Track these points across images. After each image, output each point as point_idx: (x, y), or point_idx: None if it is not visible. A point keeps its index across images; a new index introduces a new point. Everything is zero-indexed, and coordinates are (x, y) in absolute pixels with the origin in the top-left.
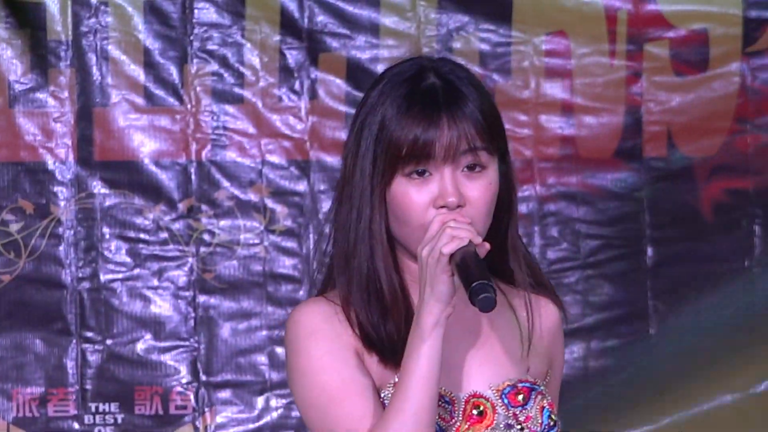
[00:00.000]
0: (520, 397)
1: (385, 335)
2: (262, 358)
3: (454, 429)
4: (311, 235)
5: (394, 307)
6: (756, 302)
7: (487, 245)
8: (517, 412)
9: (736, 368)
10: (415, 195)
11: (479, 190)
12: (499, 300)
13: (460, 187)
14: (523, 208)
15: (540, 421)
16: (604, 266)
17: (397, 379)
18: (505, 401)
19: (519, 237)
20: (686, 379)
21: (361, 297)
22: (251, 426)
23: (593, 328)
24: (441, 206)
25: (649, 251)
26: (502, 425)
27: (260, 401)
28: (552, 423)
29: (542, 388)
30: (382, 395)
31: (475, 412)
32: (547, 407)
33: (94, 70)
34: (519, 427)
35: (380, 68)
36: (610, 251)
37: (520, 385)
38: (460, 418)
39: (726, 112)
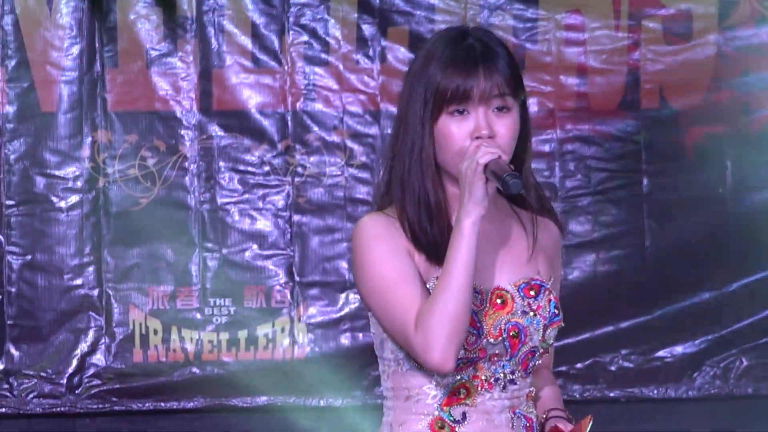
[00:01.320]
0: (532, 291)
1: (431, 238)
2: (343, 264)
3: (483, 313)
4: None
5: (438, 216)
6: (728, 221)
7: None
8: (531, 302)
9: (713, 271)
10: (456, 129)
11: (505, 126)
12: (512, 217)
13: (491, 123)
14: (546, 148)
15: (548, 310)
16: (609, 193)
17: (439, 273)
18: (521, 294)
19: (531, 170)
20: (672, 280)
21: (413, 209)
22: (335, 316)
23: (601, 241)
24: (476, 137)
25: (645, 182)
26: (519, 311)
27: (341, 297)
28: (557, 312)
29: (549, 285)
30: (428, 286)
31: (499, 301)
32: (553, 300)
33: (213, 40)
34: (532, 313)
35: None
36: (614, 181)
37: (532, 282)
38: (488, 305)
39: (705, 73)
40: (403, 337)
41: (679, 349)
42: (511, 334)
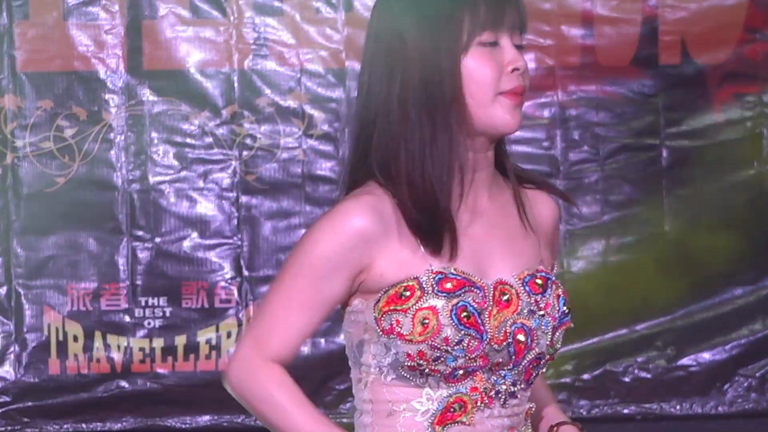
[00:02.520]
0: (539, 285)
1: (422, 221)
2: None
3: (487, 312)
4: (347, 139)
5: (439, 202)
6: (765, 201)
7: None
8: (538, 299)
9: (747, 262)
10: (491, 60)
11: (526, 63)
12: (508, 191)
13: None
14: (545, 113)
15: (557, 308)
16: (622, 167)
17: (433, 267)
18: (527, 288)
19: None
20: (697, 272)
21: (423, 190)
22: None
23: (612, 225)
24: (513, 69)
25: (664, 153)
26: (525, 311)
27: None
28: (567, 310)
29: (554, 277)
30: (422, 280)
31: (504, 298)
32: (562, 296)
33: None
34: (541, 313)
35: None
36: (627, 153)
37: (538, 274)
38: (492, 303)
39: (736, 22)
40: (242, 336)
41: (706, 356)
42: (517, 337)
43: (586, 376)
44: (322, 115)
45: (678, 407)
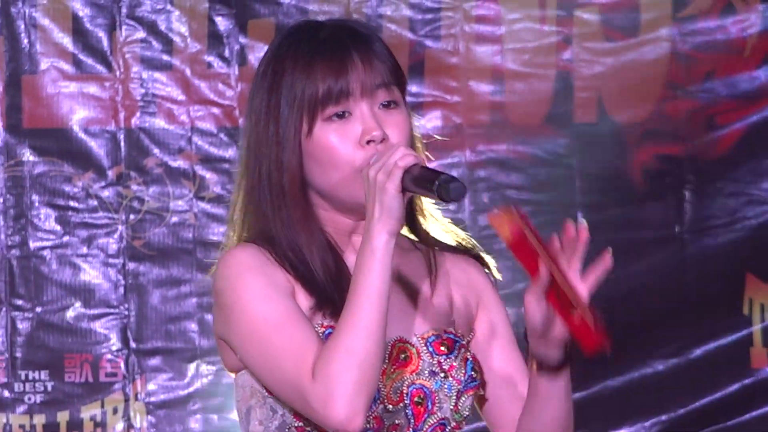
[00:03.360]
0: (444, 347)
1: (316, 273)
2: (192, 325)
3: (380, 371)
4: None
5: (324, 254)
6: (686, 269)
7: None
8: (442, 360)
9: (668, 334)
10: (340, 137)
11: (398, 125)
12: (415, 251)
13: (380, 123)
14: (453, 173)
15: (464, 372)
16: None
17: (325, 321)
18: (430, 349)
19: None
20: (616, 345)
21: (290, 252)
22: (181, 393)
23: (522, 293)
24: (368, 141)
25: (580, 217)
26: (426, 371)
27: (191, 368)
28: (474, 375)
29: (465, 341)
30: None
31: (401, 356)
32: (470, 359)
33: (23, 37)
34: (443, 375)
35: None
36: (540, 217)
37: (444, 335)
38: (387, 361)
39: (656, 78)
40: (294, 390)
41: None
42: (414, 399)
43: None
44: (214, 176)
45: None
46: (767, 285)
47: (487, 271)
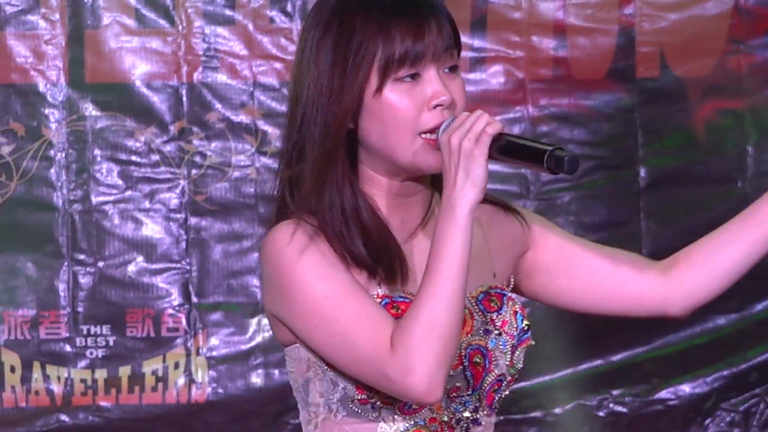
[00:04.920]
0: (494, 303)
1: (366, 251)
2: (254, 280)
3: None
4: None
5: (379, 228)
6: None
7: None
8: (494, 317)
9: (730, 288)
10: (410, 98)
11: (459, 90)
12: None
13: (448, 88)
14: (515, 129)
15: (515, 326)
16: (596, 187)
17: (380, 291)
18: (481, 307)
19: None
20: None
21: (340, 222)
22: (243, 347)
23: None
24: (435, 105)
25: (642, 172)
26: (481, 331)
27: (253, 323)
28: (526, 327)
29: (511, 293)
30: None
31: None
32: (520, 312)
33: None
34: (497, 332)
35: None
36: (602, 172)
37: (492, 291)
38: None
39: (719, 33)
40: (370, 363)
41: (686, 389)
42: (473, 360)
43: (557, 411)
44: (276, 131)
45: None
46: None
47: (509, 209)
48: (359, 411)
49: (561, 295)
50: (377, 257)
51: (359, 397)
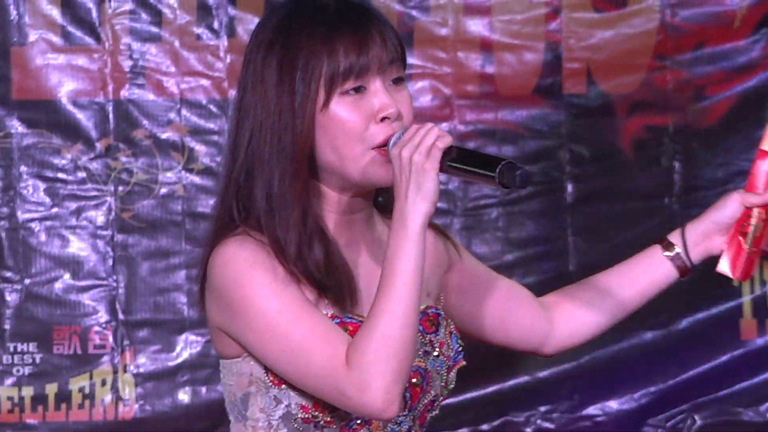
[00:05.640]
0: (431, 323)
1: (317, 272)
2: (181, 297)
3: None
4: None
5: (325, 239)
6: None
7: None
8: (432, 339)
9: (657, 303)
10: (356, 111)
11: (406, 102)
12: (384, 230)
13: (394, 99)
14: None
15: (452, 347)
16: (524, 203)
17: (330, 311)
18: (420, 328)
19: None
20: None
21: (296, 234)
22: (170, 364)
23: (513, 265)
24: (383, 118)
25: (569, 188)
26: (420, 352)
27: (180, 340)
28: (460, 348)
29: (443, 312)
30: None
31: None
32: (454, 332)
33: (11, 9)
34: (436, 353)
35: None
36: (530, 188)
37: (429, 311)
38: None
39: (645, 49)
40: (325, 380)
41: (613, 405)
42: (412, 381)
43: (485, 427)
44: (203, 148)
45: None
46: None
47: (447, 241)
48: (301, 428)
49: (466, 318)
50: (328, 278)
51: (302, 416)
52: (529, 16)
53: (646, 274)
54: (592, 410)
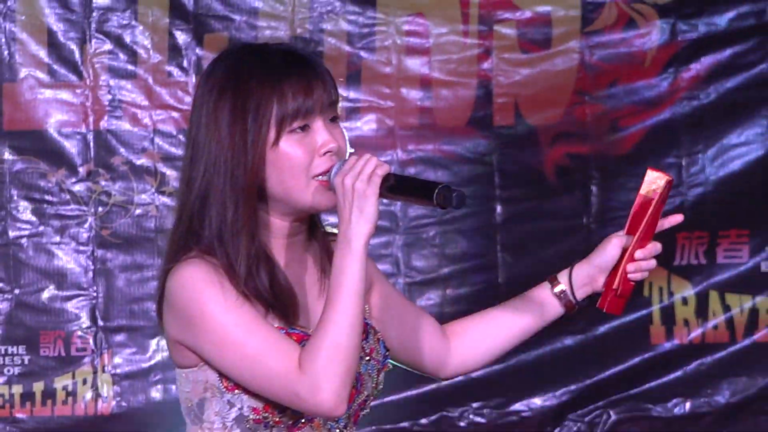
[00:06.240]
0: (363, 332)
1: (264, 291)
2: (154, 306)
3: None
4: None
5: (273, 265)
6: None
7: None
8: (364, 345)
9: (576, 313)
10: (302, 147)
11: (342, 137)
12: (316, 248)
13: (333, 135)
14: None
15: (380, 352)
16: (458, 222)
17: (276, 324)
18: None
19: None
20: None
21: (246, 261)
22: (144, 365)
23: (449, 277)
24: (325, 152)
25: (499, 209)
26: None
27: (152, 343)
28: (386, 352)
29: (372, 322)
30: None
31: None
32: (381, 339)
33: (3, 49)
34: (367, 358)
35: None
36: (463, 209)
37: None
38: None
39: (566, 86)
40: (280, 384)
41: (537, 402)
42: None
43: (423, 421)
44: (174, 173)
45: None
46: (665, 270)
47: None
48: (252, 428)
49: (382, 335)
50: (273, 297)
51: (254, 417)
52: (463, 56)
53: (536, 310)
54: (518, 406)
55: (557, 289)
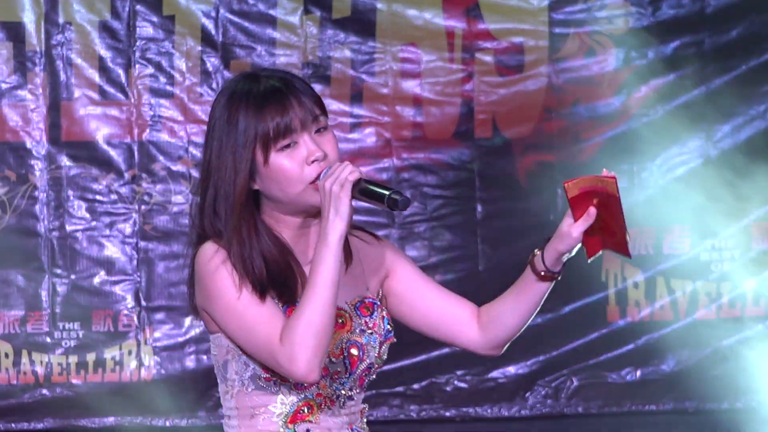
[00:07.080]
0: (367, 309)
1: (266, 275)
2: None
3: (331, 336)
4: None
5: (277, 256)
6: None
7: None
8: (367, 320)
9: (547, 295)
10: (291, 161)
11: (330, 144)
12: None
13: (319, 145)
14: (383, 176)
15: (383, 327)
16: (444, 219)
17: (278, 301)
18: (358, 312)
19: None
20: None
21: (245, 253)
22: (180, 339)
23: (436, 265)
24: (312, 161)
25: (479, 208)
26: (357, 330)
27: (186, 321)
28: (389, 328)
29: (380, 302)
30: None
31: (339, 320)
32: (386, 317)
33: (61, 73)
34: (370, 331)
35: None
36: (449, 208)
37: (366, 300)
38: None
39: (536, 104)
40: (267, 352)
41: (511, 370)
42: (350, 352)
43: (415, 386)
44: None
45: (489, 411)
46: (618, 259)
47: (380, 240)
48: (264, 386)
49: (403, 317)
50: (275, 278)
51: (265, 376)
52: (449, 79)
53: (530, 290)
54: (495, 374)
55: (537, 270)
